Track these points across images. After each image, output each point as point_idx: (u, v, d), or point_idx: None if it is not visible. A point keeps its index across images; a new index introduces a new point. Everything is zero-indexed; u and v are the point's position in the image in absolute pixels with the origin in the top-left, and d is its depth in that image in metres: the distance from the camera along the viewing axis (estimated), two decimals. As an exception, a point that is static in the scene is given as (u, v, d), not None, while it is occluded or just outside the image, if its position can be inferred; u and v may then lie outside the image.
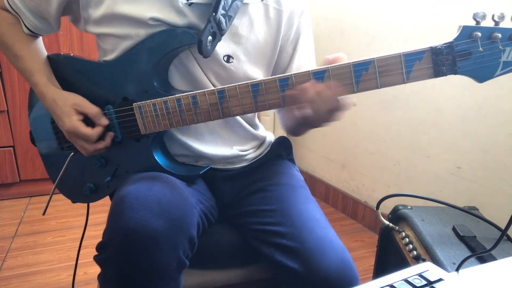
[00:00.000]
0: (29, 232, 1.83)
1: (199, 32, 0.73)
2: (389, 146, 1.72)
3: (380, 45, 1.68)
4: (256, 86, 0.69)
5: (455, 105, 1.41)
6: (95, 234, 1.78)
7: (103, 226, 0.68)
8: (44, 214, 0.96)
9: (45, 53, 0.86)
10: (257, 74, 0.86)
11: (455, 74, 0.60)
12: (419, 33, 1.50)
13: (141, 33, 0.77)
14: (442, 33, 1.40)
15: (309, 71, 0.66)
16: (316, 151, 2.22)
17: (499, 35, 0.58)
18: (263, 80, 0.69)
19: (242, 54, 0.82)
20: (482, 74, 0.60)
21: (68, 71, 0.85)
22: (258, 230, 0.80)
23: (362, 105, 1.83)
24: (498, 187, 1.29)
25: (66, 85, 0.83)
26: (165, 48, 0.76)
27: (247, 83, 0.70)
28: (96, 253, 0.69)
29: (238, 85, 0.70)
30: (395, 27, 1.60)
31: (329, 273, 0.69)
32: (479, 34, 0.58)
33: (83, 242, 1.09)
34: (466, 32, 0.59)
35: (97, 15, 0.78)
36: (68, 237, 1.78)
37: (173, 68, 0.81)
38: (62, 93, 0.81)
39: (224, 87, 0.72)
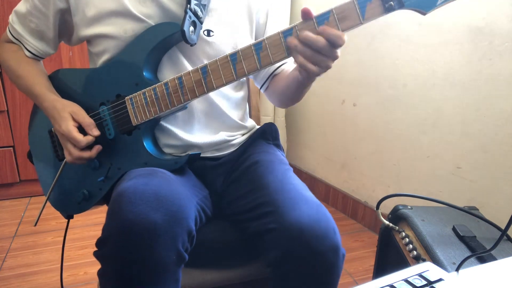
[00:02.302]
0: (29, 232, 1.83)
1: (180, 22, 0.78)
2: (389, 146, 1.72)
3: (380, 45, 1.68)
4: (234, 55, 0.74)
5: (455, 105, 1.41)
6: (96, 234, 1.78)
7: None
8: (35, 225, 0.97)
9: (45, 71, 0.95)
10: (242, 44, 0.89)
11: (402, 7, 0.67)
12: (418, 33, 1.50)
13: (128, 29, 0.82)
14: (442, 32, 1.40)
15: (278, 31, 0.71)
16: (316, 151, 2.22)
17: None
18: (240, 49, 0.73)
19: (220, 26, 0.87)
20: (426, 4, 0.66)
21: (67, 83, 0.91)
22: (243, 211, 0.82)
23: (362, 105, 1.83)
24: (498, 187, 1.29)
25: (66, 96, 0.89)
26: (152, 41, 0.80)
27: (226, 54, 0.74)
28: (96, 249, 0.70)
29: (218, 58, 0.75)
30: (394, 27, 1.60)
31: (301, 224, 0.70)
32: None
33: (82, 242, 1.09)
34: None
35: (88, 16, 0.83)
36: (68, 237, 1.77)
37: (162, 67, 0.85)
38: (61, 100, 0.87)
39: (206, 63, 0.76)
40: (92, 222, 1.89)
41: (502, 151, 1.27)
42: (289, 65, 0.97)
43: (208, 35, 0.86)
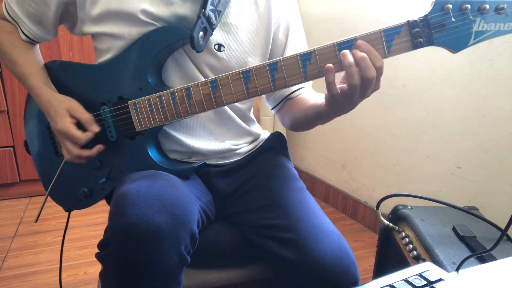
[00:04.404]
0: (29, 232, 1.83)
1: (190, 27, 0.75)
2: (389, 146, 1.72)
3: (380, 45, 1.68)
4: (247, 73, 0.71)
5: (455, 105, 1.41)
6: (95, 234, 1.79)
7: (103, 226, 0.68)
8: (36, 221, 0.96)
9: (41, 59, 0.90)
10: (252, 63, 0.86)
11: (431, 45, 0.64)
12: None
13: (133, 32, 0.79)
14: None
15: (296, 54, 0.68)
16: (316, 151, 2.22)
17: (469, 6, 0.61)
18: (254, 67, 0.71)
19: (233, 42, 0.83)
20: (456, 44, 0.63)
21: (64, 76, 0.87)
22: (255, 226, 0.81)
23: (362, 105, 1.82)
24: (498, 187, 1.29)
25: (64, 90, 0.85)
26: (158, 45, 0.77)
27: (238, 71, 0.71)
28: (97, 251, 0.69)
29: (229, 73, 0.72)
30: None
31: (325, 261, 0.70)
32: (450, 6, 0.62)
33: (82, 242, 1.09)
34: (438, 6, 0.63)
35: (93, 14, 0.80)
36: (68, 237, 1.77)
37: (167, 66, 0.82)
38: (57, 95, 0.83)
39: (216, 77, 0.73)
40: (92, 222, 1.89)
41: (502, 151, 1.27)
42: (306, 91, 0.92)
43: (219, 49, 0.82)
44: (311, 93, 0.92)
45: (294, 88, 0.91)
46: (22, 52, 0.86)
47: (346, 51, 0.64)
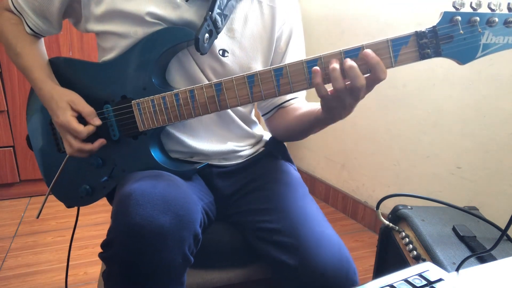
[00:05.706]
0: (29, 232, 1.83)
1: (196, 29, 0.75)
2: (389, 146, 1.72)
3: (380, 45, 1.68)
4: (251, 77, 0.71)
5: (455, 105, 1.41)
6: (96, 234, 1.79)
7: (104, 226, 0.68)
8: (38, 217, 0.96)
9: (45, 54, 0.89)
10: (254, 69, 0.86)
11: (439, 56, 0.64)
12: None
13: (139, 31, 0.79)
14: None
15: (302, 60, 0.68)
16: (316, 151, 2.22)
17: (478, 18, 0.61)
18: (259, 71, 0.71)
19: (237, 48, 0.84)
20: (464, 56, 0.64)
21: (68, 73, 0.87)
22: (256, 228, 0.81)
23: (362, 105, 1.82)
24: (498, 187, 1.29)
25: (67, 86, 0.85)
26: (163, 45, 0.77)
27: (243, 75, 0.72)
28: (101, 251, 0.69)
29: (234, 77, 0.72)
30: (395, 28, 1.60)
31: (326, 268, 0.70)
32: (459, 18, 0.62)
33: (82, 242, 1.08)
34: (447, 17, 0.63)
35: (98, 13, 0.80)
36: (68, 237, 1.77)
37: (171, 67, 0.82)
38: (59, 89, 0.83)
39: (221, 80, 0.73)
40: (92, 222, 1.89)
41: (502, 151, 1.27)
42: (299, 101, 0.93)
43: (223, 55, 0.82)
44: (304, 103, 0.92)
45: (287, 97, 0.92)
46: (26, 45, 0.86)
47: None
